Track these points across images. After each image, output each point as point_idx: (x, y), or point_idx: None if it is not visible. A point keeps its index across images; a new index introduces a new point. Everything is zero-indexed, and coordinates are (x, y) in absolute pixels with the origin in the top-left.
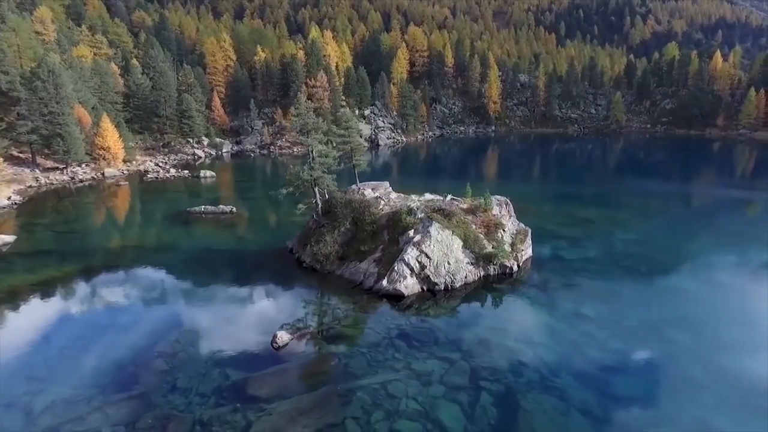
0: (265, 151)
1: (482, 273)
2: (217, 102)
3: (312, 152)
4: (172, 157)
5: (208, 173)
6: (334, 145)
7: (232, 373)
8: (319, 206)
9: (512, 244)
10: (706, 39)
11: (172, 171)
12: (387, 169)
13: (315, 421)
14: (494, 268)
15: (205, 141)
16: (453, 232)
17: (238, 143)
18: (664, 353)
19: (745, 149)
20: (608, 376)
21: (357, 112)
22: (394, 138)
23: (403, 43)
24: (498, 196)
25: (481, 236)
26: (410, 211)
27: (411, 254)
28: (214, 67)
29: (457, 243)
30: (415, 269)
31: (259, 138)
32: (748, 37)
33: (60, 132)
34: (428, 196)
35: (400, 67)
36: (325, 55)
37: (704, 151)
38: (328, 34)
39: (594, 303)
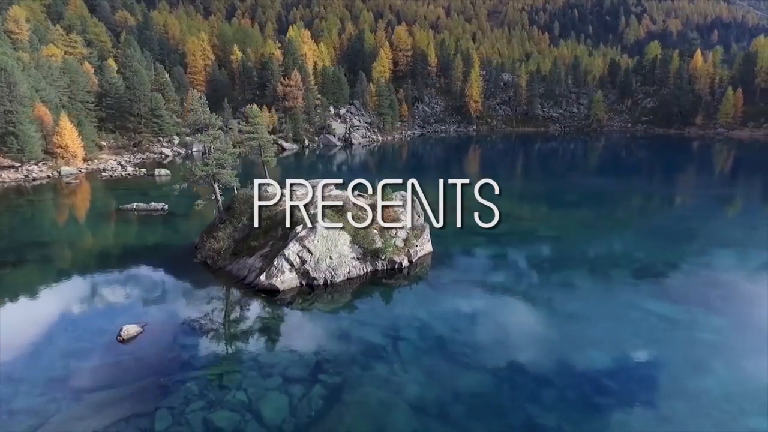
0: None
1: (369, 268)
2: (191, 100)
3: (208, 148)
4: (139, 155)
5: (163, 171)
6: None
7: (69, 365)
8: (220, 202)
9: (406, 240)
10: (702, 38)
11: (130, 170)
12: (352, 168)
13: (125, 410)
14: (383, 264)
15: (176, 140)
16: (342, 227)
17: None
18: (519, 351)
19: (723, 148)
20: (457, 372)
21: (333, 110)
22: (369, 137)
23: (387, 43)
24: (403, 192)
25: (374, 231)
26: (304, 207)
27: (292, 249)
28: (195, 67)
29: (345, 238)
30: (295, 264)
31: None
32: (745, 36)
33: (14, 131)
34: (336, 191)
35: (382, 67)
36: (301, 55)
37: (678, 150)
38: (306, 33)
39: (477, 300)
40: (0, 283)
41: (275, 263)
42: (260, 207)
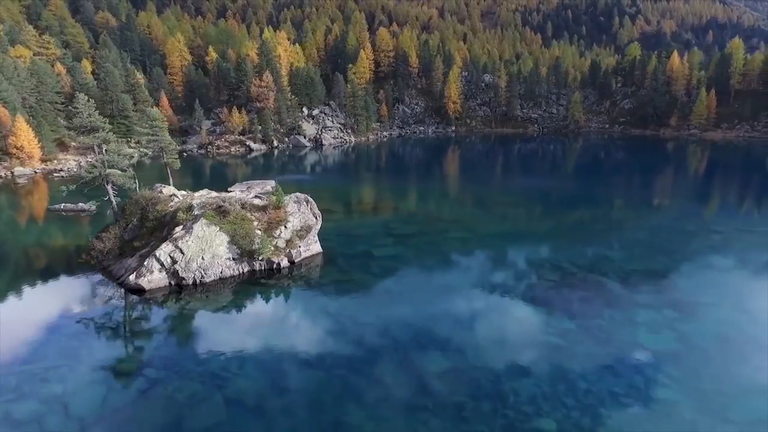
0: (202, 151)
1: (246, 269)
2: (165, 102)
3: (97, 150)
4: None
5: (117, 172)
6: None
7: None
8: (114, 203)
9: (289, 241)
10: (697, 39)
11: (75, 169)
12: (301, 169)
13: None
14: (260, 264)
15: (144, 140)
16: (221, 228)
17: (183, 143)
18: (367, 351)
19: (696, 149)
20: (286, 369)
21: (306, 111)
22: (341, 138)
23: (368, 44)
24: (298, 194)
25: (258, 232)
26: (189, 208)
27: (164, 249)
28: (174, 67)
29: (222, 239)
30: (165, 264)
31: (199, 138)
32: (740, 37)
33: None
34: (234, 194)
35: (363, 68)
36: (276, 56)
37: (650, 151)
38: (282, 34)
39: (349, 300)
40: None
41: (145, 263)
42: (149, 208)
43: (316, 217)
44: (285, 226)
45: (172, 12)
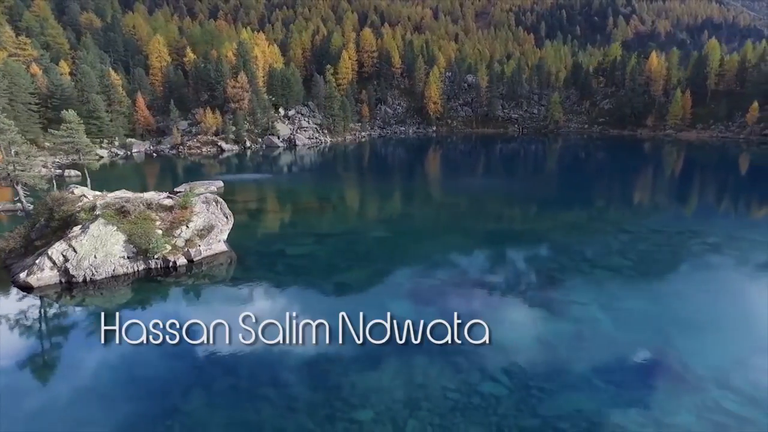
0: (174, 152)
1: (142, 267)
2: (141, 103)
3: (5, 152)
4: (72, 157)
5: (73, 173)
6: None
7: None
8: (23, 204)
9: (188, 240)
10: (692, 39)
11: (44, 170)
12: (274, 170)
13: None
14: (156, 262)
15: (116, 141)
16: (118, 228)
17: (159, 143)
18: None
19: (672, 150)
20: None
21: (282, 112)
22: (316, 138)
23: (352, 44)
24: (208, 195)
25: (159, 232)
26: (92, 209)
27: (57, 248)
28: (155, 68)
29: (118, 238)
30: (57, 262)
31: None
32: (735, 37)
33: None
34: (146, 195)
35: (345, 68)
36: (253, 57)
37: (625, 151)
38: (261, 35)
39: (232, 298)
40: None
41: (37, 261)
42: (56, 209)
43: (226, 217)
44: (187, 226)
45: (161, 13)
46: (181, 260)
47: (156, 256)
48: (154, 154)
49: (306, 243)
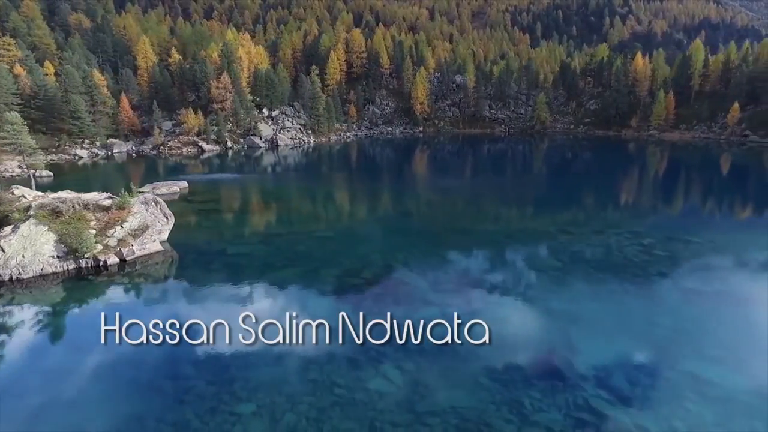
0: (155, 152)
1: (72, 266)
2: (125, 103)
3: None
4: (51, 157)
5: (45, 173)
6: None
7: None
8: None
9: (121, 240)
10: (689, 39)
11: (18, 170)
12: (226, 168)
13: None
14: (87, 261)
15: (98, 142)
16: (50, 227)
17: (141, 143)
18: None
19: (656, 150)
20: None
21: (266, 112)
22: (299, 139)
23: (341, 45)
24: (148, 195)
25: (92, 232)
26: (27, 209)
27: None
28: (141, 68)
29: (49, 237)
30: None
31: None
32: (733, 37)
33: None
34: (87, 196)
35: (333, 68)
36: (238, 57)
37: (608, 152)
38: (246, 36)
39: (156, 298)
40: None
41: None
42: None
43: (167, 217)
44: (121, 226)
45: (155, 13)
46: (113, 259)
47: (86, 256)
48: (134, 155)
49: (249, 242)
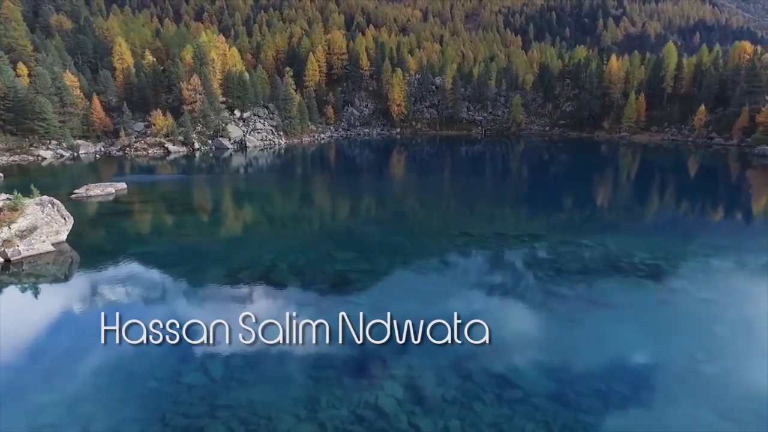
0: (120, 153)
1: None
2: (96, 104)
3: None
4: (14, 158)
5: None
6: None
7: None
8: None
9: (6, 240)
10: (683, 41)
11: None
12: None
13: None
14: None
15: (65, 143)
16: None
17: (111, 144)
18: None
19: (628, 152)
20: None
21: (238, 114)
22: (269, 140)
23: (321, 46)
24: (44, 197)
25: None
26: None
27: None
28: (118, 70)
29: None
30: None
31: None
32: (728, 39)
33: None
34: None
35: (312, 70)
36: (211, 59)
37: (582, 153)
38: (220, 37)
39: (55, 297)
40: None
41: None
42: None
43: (64, 218)
44: (9, 227)
45: (142, 15)
46: None
47: None
48: (97, 156)
49: (154, 242)
